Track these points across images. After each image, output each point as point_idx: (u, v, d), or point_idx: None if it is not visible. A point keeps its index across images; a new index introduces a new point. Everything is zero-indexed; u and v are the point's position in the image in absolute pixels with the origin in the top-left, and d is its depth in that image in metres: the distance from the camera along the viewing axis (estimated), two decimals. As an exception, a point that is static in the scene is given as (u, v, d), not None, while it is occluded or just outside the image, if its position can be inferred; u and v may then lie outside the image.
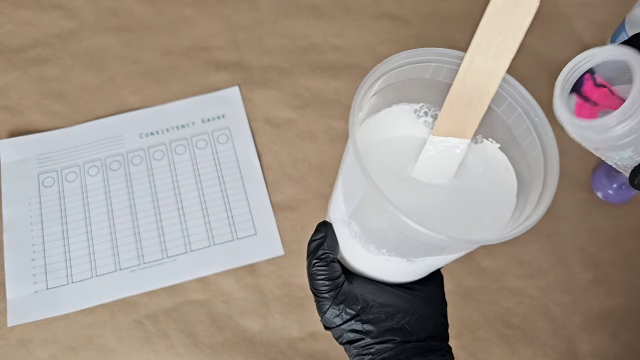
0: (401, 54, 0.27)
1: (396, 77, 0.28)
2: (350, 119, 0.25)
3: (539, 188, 0.26)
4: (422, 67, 0.28)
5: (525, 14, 0.25)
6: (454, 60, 0.28)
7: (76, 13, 0.60)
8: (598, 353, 0.47)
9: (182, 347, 0.46)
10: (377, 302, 0.32)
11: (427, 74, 0.29)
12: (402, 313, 0.32)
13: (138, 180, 0.52)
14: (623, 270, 0.50)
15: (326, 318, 0.32)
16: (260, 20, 0.61)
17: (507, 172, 0.30)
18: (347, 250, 0.32)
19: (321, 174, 0.53)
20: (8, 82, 0.56)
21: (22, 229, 0.49)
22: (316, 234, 0.33)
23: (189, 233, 0.50)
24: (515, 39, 0.25)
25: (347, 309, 0.31)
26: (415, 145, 0.30)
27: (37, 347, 0.45)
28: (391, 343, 0.31)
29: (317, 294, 0.32)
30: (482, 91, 0.27)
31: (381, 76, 0.27)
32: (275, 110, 0.56)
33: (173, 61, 0.58)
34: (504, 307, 0.48)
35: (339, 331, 0.32)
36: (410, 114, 0.31)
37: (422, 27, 0.61)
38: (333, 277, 0.32)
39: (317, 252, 0.32)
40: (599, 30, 0.60)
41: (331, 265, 0.32)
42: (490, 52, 0.26)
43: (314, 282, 0.32)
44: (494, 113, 0.29)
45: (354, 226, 0.30)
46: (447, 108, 0.28)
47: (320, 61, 0.59)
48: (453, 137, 0.28)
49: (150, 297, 0.47)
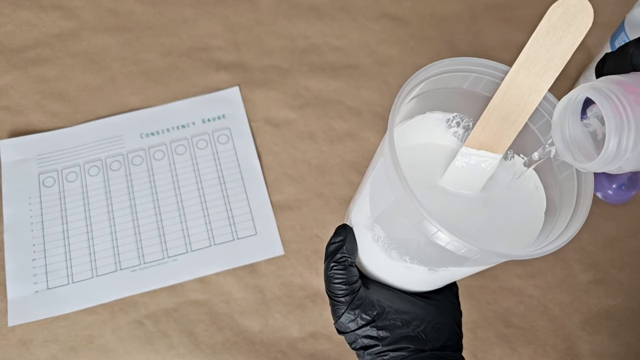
0: (444, 61, 0.27)
1: (434, 84, 0.28)
2: (390, 122, 0.25)
3: (570, 207, 0.26)
4: (462, 76, 0.28)
5: (577, 34, 0.25)
6: (495, 73, 0.27)
7: (76, 13, 0.60)
8: (598, 352, 0.47)
9: (182, 347, 0.46)
10: (393, 309, 0.31)
11: (465, 84, 0.28)
12: (418, 321, 0.31)
13: (138, 181, 0.52)
14: (622, 270, 0.50)
15: (341, 322, 0.32)
16: (260, 20, 0.61)
17: (536, 190, 0.29)
18: (367, 254, 0.32)
19: (321, 174, 0.53)
20: (8, 82, 0.56)
21: (22, 229, 0.49)
22: (335, 237, 0.32)
23: (190, 233, 0.50)
24: (563, 58, 0.25)
25: (363, 315, 0.31)
26: (444, 154, 0.30)
27: (37, 347, 0.45)
28: (406, 351, 0.31)
29: (333, 298, 0.32)
30: (522, 107, 0.26)
31: (422, 82, 0.27)
32: (275, 110, 0.56)
33: (173, 61, 0.58)
34: (503, 306, 0.48)
35: (353, 336, 0.32)
36: (442, 122, 0.31)
37: (421, 28, 0.61)
38: (350, 281, 0.31)
39: (336, 255, 0.32)
40: (599, 30, 0.60)
41: (349, 269, 0.32)
42: (535, 69, 0.26)
43: (330, 286, 0.32)
44: (529, 129, 0.28)
45: (377, 230, 0.29)
46: (484, 121, 0.27)
47: (320, 61, 0.59)
48: (485, 150, 0.28)
49: (151, 297, 0.47)
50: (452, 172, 0.29)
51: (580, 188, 0.26)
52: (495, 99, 0.27)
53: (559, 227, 0.25)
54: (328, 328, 0.47)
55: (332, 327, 0.47)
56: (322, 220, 0.51)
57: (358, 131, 0.55)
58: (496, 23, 0.62)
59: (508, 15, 0.62)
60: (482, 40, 0.61)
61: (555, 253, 0.51)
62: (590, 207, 0.25)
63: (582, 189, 0.26)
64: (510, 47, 0.60)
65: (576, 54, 0.36)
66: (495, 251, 0.23)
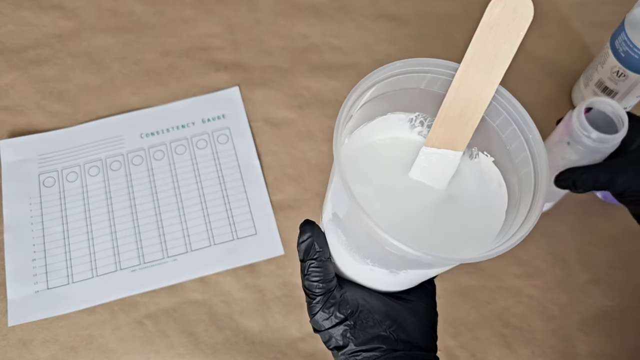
0: (395, 64, 0.27)
1: (391, 85, 0.28)
2: (335, 131, 0.25)
3: (526, 207, 0.26)
4: (417, 77, 0.28)
5: (519, 28, 0.25)
6: (449, 72, 0.27)
7: (76, 13, 0.61)
8: (595, 353, 0.47)
9: (182, 347, 0.46)
10: (366, 308, 0.32)
11: (422, 84, 0.28)
12: (390, 321, 0.31)
13: (138, 180, 0.52)
14: (621, 270, 0.50)
15: (315, 320, 0.32)
16: (260, 20, 0.61)
17: (499, 188, 0.29)
18: (336, 255, 0.32)
19: (321, 174, 0.53)
20: (8, 82, 0.56)
21: (22, 229, 0.49)
22: (302, 235, 0.32)
23: (189, 233, 0.50)
24: (508, 52, 0.25)
25: (337, 313, 0.31)
26: (410, 147, 0.30)
27: (37, 347, 0.45)
28: (378, 351, 0.31)
29: (309, 295, 0.32)
30: (475, 104, 0.27)
31: (372, 85, 0.27)
32: (275, 110, 0.56)
33: (173, 61, 0.58)
34: (502, 306, 0.48)
35: (327, 335, 0.32)
36: (406, 122, 0.31)
37: (420, 27, 0.61)
38: (327, 279, 0.32)
39: (311, 252, 0.32)
40: (599, 30, 0.60)
41: (325, 265, 0.32)
42: (483, 65, 0.26)
43: (307, 283, 0.32)
44: (490, 126, 0.29)
45: (340, 234, 0.29)
46: (440, 120, 0.28)
47: (319, 61, 0.59)
48: (446, 149, 0.28)
49: (151, 297, 0.48)
50: (417, 170, 0.29)
51: (536, 187, 0.26)
52: (448, 97, 0.27)
53: (515, 226, 0.26)
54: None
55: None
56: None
57: (357, 131, 0.55)
58: (496, 23, 0.62)
59: (508, 15, 0.62)
60: (481, 40, 0.61)
61: (554, 253, 0.51)
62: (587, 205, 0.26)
63: (537, 188, 0.26)
64: (509, 47, 0.60)
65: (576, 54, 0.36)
66: (444, 256, 0.23)
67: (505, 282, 0.49)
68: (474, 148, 0.30)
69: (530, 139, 0.27)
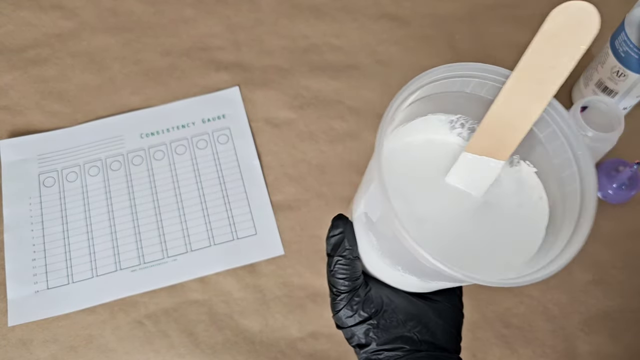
0: (441, 68, 0.25)
1: (434, 89, 0.27)
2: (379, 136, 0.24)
3: (570, 227, 0.24)
4: (463, 81, 0.27)
5: (581, 41, 0.23)
6: (497, 78, 0.26)
7: (76, 13, 0.60)
8: (597, 353, 0.47)
9: (182, 347, 0.46)
10: (391, 308, 0.31)
11: (468, 88, 0.27)
12: (414, 321, 0.31)
13: (138, 181, 0.52)
14: (622, 270, 0.50)
15: (339, 317, 0.31)
16: (261, 20, 0.61)
17: (540, 201, 0.28)
18: (365, 254, 0.31)
19: (321, 174, 0.53)
20: (8, 82, 0.56)
21: (22, 229, 0.49)
22: (334, 230, 0.32)
23: (189, 233, 0.50)
24: (567, 65, 0.24)
25: (361, 311, 0.31)
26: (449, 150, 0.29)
27: (37, 346, 0.45)
28: (400, 351, 0.30)
29: (334, 292, 0.31)
30: (524, 115, 0.25)
31: (417, 89, 0.26)
32: (275, 110, 0.56)
33: (173, 61, 0.58)
34: (503, 306, 0.48)
35: (349, 332, 0.31)
36: (446, 124, 0.30)
37: (421, 28, 0.61)
38: (354, 277, 0.31)
39: (339, 249, 0.31)
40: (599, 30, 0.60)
41: (353, 264, 0.31)
42: (537, 76, 0.24)
43: (333, 280, 0.31)
44: (536, 137, 0.27)
45: (371, 236, 0.29)
46: (484, 127, 0.26)
47: (320, 61, 0.59)
48: (487, 156, 0.27)
49: (151, 297, 0.47)
50: (454, 174, 0.28)
51: (583, 207, 0.25)
52: (496, 104, 0.26)
53: (557, 247, 0.24)
54: (328, 328, 0.47)
55: (333, 327, 0.47)
56: (322, 220, 0.51)
57: (358, 131, 0.55)
58: (496, 23, 0.62)
59: (508, 14, 0.62)
60: (482, 40, 0.61)
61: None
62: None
63: (584, 208, 0.25)
64: (510, 46, 0.60)
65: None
66: (481, 279, 0.22)
67: (506, 283, 0.49)
68: (516, 156, 0.29)
69: (579, 155, 0.25)
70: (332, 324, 0.47)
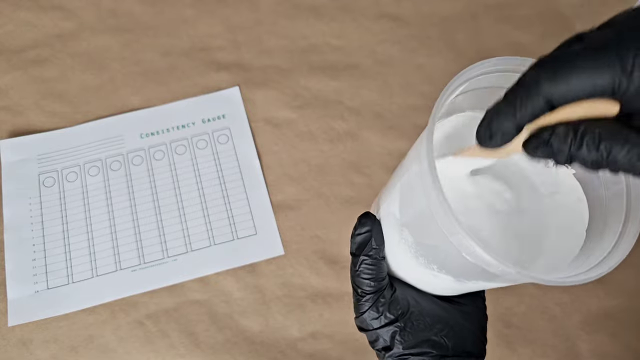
0: (490, 61, 0.25)
1: (476, 84, 0.26)
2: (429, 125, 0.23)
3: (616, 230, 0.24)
4: (504, 76, 0.26)
5: None
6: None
7: (76, 13, 0.60)
8: (597, 352, 0.47)
9: (182, 347, 0.46)
10: (417, 310, 0.30)
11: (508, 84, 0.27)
12: (441, 324, 0.30)
13: (138, 181, 0.52)
14: (623, 269, 0.50)
15: (363, 319, 0.30)
16: (260, 20, 0.61)
17: (578, 203, 0.27)
18: (393, 254, 0.31)
19: (321, 174, 0.53)
20: (8, 82, 0.56)
21: (22, 229, 0.49)
22: (360, 227, 0.31)
23: (190, 233, 0.50)
24: None
25: (387, 313, 0.30)
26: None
27: (37, 347, 0.45)
28: (427, 356, 0.30)
29: (359, 293, 0.31)
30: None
31: (464, 82, 0.25)
32: (275, 110, 0.56)
33: (173, 61, 0.58)
34: (504, 306, 0.48)
35: (374, 335, 0.30)
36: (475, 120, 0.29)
37: (422, 28, 0.61)
38: (379, 277, 0.30)
39: (366, 248, 0.30)
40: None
41: (379, 264, 0.30)
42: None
43: (358, 280, 0.30)
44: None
45: (405, 234, 0.28)
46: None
47: (320, 61, 0.59)
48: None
49: (151, 297, 0.47)
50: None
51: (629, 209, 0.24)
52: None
53: (602, 249, 0.24)
54: (328, 328, 0.47)
55: (333, 327, 0.47)
56: (322, 220, 0.51)
57: (358, 131, 0.55)
58: (497, 22, 0.62)
59: (509, 14, 0.62)
60: (482, 40, 0.61)
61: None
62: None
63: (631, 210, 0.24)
64: (511, 46, 0.60)
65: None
66: (534, 276, 0.21)
67: (506, 282, 0.49)
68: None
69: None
70: (332, 324, 0.47)
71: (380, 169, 0.53)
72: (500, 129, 0.21)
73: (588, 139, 0.20)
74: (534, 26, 0.62)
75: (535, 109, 0.20)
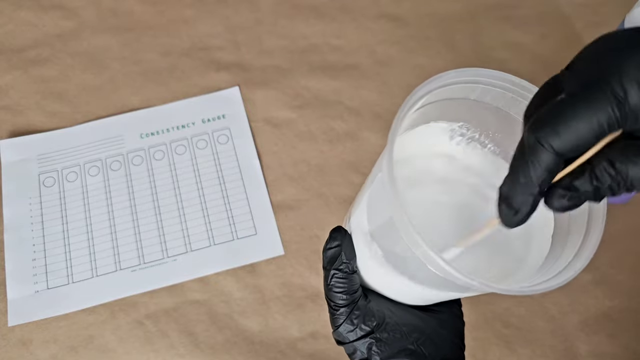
0: (450, 73, 0.25)
1: (439, 95, 0.26)
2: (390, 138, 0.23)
3: (579, 236, 0.24)
4: (469, 87, 0.26)
5: None
6: (504, 85, 0.26)
7: (76, 13, 0.61)
8: (596, 353, 0.47)
9: (182, 347, 0.46)
10: (393, 320, 0.31)
11: (473, 95, 0.27)
12: (417, 333, 0.30)
13: (138, 181, 0.52)
14: (622, 270, 0.50)
15: (339, 332, 0.31)
16: (260, 20, 0.61)
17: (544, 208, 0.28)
18: (366, 267, 0.31)
19: (321, 174, 0.53)
20: (8, 82, 0.56)
21: (22, 229, 0.49)
22: (331, 242, 0.31)
23: (189, 233, 0.50)
24: None
25: (362, 325, 0.30)
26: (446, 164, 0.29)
27: (37, 347, 0.45)
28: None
29: (332, 307, 0.31)
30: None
31: (425, 94, 0.25)
32: (275, 110, 0.56)
33: (173, 61, 0.58)
34: (502, 307, 0.48)
35: (351, 347, 0.31)
36: (446, 132, 0.29)
37: (421, 28, 0.61)
38: (351, 290, 0.30)
39: (336, 262, 0.31)
40: (599, 30, 0.60)
41: (350, 277, 0.31)
42: None
43: (330, 294, 0.31)
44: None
45: (374, 245, 0.28)
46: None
47: (320, 61, 0.59)
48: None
49: (151, 297, 0.48)
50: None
51: (591, 214, 0.24)
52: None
53: (567, 255, 0.24)
54: (328, 328, 0.47)
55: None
56: (322, 220, 0.51)
57: (358, 131, 0.55)
58: (496, 23, 0.62)
59: (508, 14, 0.62)
60: (481, 40, 0.61)
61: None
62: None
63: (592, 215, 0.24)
64: (510, 46, 0.60)
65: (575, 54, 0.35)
66: (498, 287, 0.22)
67: (505, 283, 0.49)
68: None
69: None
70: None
71: (380, 169, 0.53)
72: (524, 201, 0.21)
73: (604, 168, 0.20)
74: (533, 26, 0.62)
75: (550, 166, 0.20)
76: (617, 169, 0.20)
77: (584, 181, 0.20)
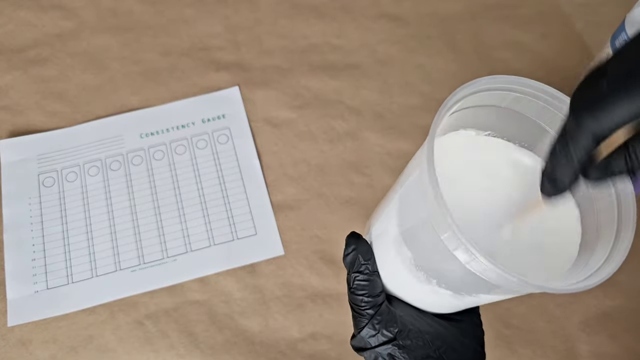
0: (482, 80, 0.25)
1: (471, 101, 0.26)
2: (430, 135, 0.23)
3: (609, 238, 0.24)
4: (500, 94, 0.26)
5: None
6: (535, 93, 0.26)
7: (76, 13, 0.60)
8: (597, 353, 0.47)
9: (182, 347, 0.46)
10: (416, 328, 0.30)
11: (503, 103, 0.27)
12: (440, 341, 0.30)
13: (138, 180, 0.52)
14: (622, 270, 0.50)
15: (361, 337, 0.30)
16: (260, 20, 0.61)
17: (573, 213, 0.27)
18: (389, 271, 0.31)
19: (321, 174, 0.53)
20: (8, 82, 0.56)
21: (22, 229, 0.49)
22: (347, 248, 0.31)
23: (189, 233, 0.50)
24: None
25: (384, 331, 0.30)
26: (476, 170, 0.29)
27: (37, 347, 0.45)
28: None
29: (355, 310, 0.31)
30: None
31: (460, 99, 0.25)
32: (275, 110, 0.56)
33: (173, 61, 0.58)
34: (503, 307, 0.48)
35: (372, 354, 0.30)
36: (476, 139, 0.29)
37: (421, 28, 0.61)
38: (374, 293, 0.30)
39: (355, 265, 0.31)
40: (599, 30, 0.60)
41: (373, 279, 0.30)
42: None
43: (353, 297, 0.31)
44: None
45: (404, 249, 0.28)
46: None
47: (320, 61, 0.59)
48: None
49: (151, 297, 0.47)
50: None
51: (621, 219, 0.24)
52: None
53: (597, 257, 0.24)
54: (328, 328, 0.47)
55: (333, 328, 0.47)
56: (322, 220, 0.51)
57: (358, 131, 0.55)
58: (497, 22, 0.62)
59: (509, 14, 0.62)
60: (482, 40, 0.61)
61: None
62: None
63: (622, 220, 0.24)
64: (510, 46, 0.60)
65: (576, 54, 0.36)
66: (535, 284, 0.22)
67: (506, 283, 0.49)
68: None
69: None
70: (332, 325, 0.47)
71: (380, 169, 0.53)
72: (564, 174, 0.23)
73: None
74: (534, 26, 0.62)
75: (587, 148, 0.22)
76: None
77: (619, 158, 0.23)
